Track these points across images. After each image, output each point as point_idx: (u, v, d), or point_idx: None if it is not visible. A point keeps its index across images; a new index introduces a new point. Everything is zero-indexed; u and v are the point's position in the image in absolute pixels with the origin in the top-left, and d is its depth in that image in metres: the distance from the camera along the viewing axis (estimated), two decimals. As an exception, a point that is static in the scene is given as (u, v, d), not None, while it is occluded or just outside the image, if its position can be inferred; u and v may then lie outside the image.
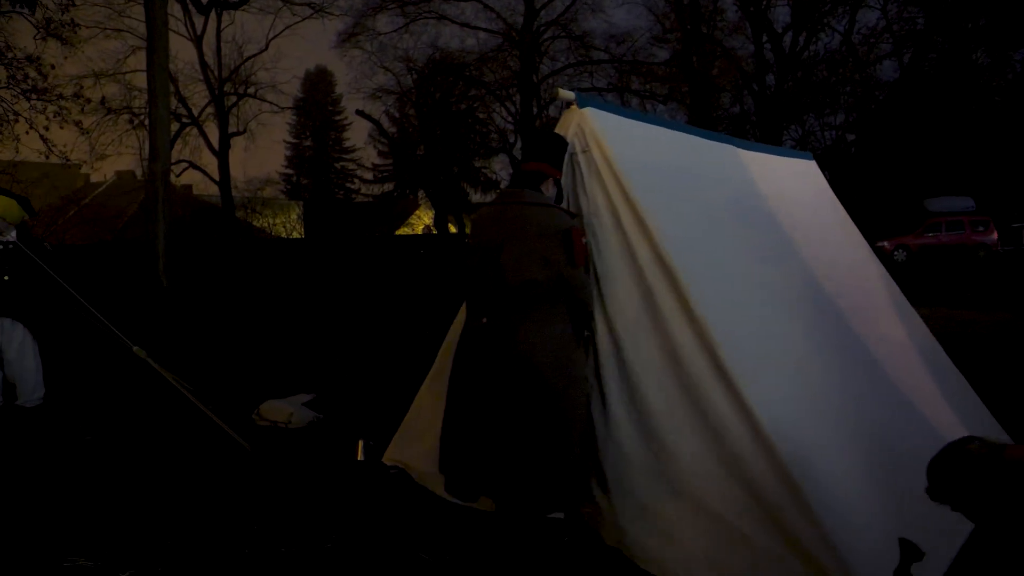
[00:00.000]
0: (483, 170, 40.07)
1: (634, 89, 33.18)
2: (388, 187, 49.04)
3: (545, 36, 32.23)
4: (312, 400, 6.15)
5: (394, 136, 39.68)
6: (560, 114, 4.01)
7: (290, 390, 6.41)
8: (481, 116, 37.00)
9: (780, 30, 32.37)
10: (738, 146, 4.66)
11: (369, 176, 50.59)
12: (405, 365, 7.41)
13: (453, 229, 36.04)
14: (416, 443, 4.37)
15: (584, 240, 3.38)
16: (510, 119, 34.86)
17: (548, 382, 3.25)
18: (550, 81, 31.83)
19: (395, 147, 41.20)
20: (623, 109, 4.10)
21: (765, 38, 32.38)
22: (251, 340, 9.49)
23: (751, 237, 4.02)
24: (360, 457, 4.67)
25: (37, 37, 16.93)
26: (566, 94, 3.67)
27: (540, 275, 3.27)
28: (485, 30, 33.14)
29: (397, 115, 40.56)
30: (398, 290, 15.94)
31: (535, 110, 32.02)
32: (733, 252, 3.77)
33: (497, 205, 3.59)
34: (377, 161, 49.62)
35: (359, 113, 36.14)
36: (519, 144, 32.97)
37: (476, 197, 39.66)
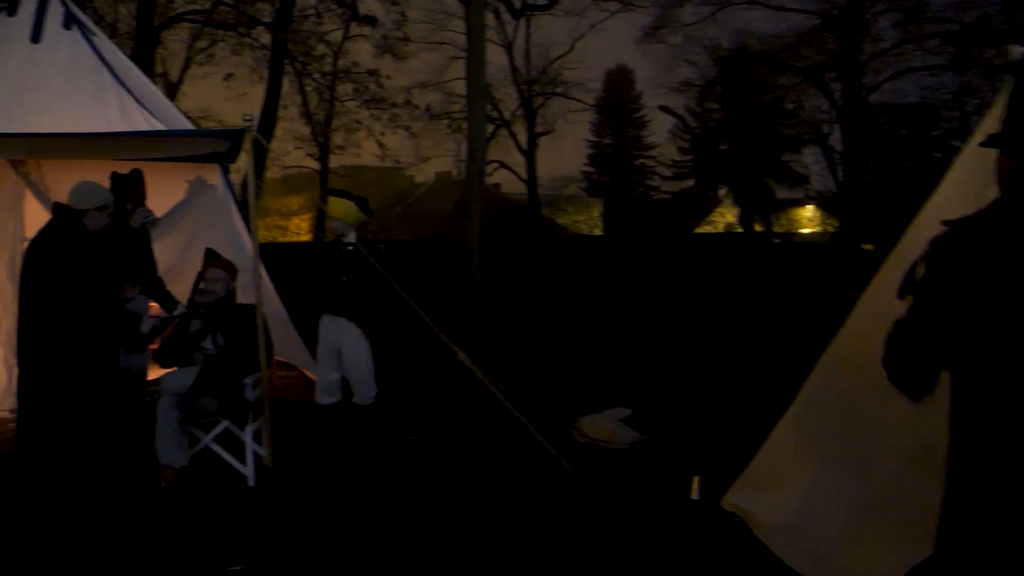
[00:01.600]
0: (790, 164, 37.25)
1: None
2: (687, 184, 47.75)
3: (872, 11, 28.76)
4: (630, 416, 5.65)
5: (696, 131, 38.43)
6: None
7: (605, 401, 5.98)
8: (789, 107, 34.33)
9: None
10: None
11: (668, 173, 49.72)
12: (730, 382, 6.76)
13: (759, 228, 33.92)
14: (766, 493, 3.62)
15: None
16: (825, 110, 31.82)
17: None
18: (875, 63, 28.39)
19: (696, 142, 39.91)
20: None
21: None
22: (560, 341, 9.30)
23: None
24: (695, 496, 4.03)
25: (375, 56, 19.12)
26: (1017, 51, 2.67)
27: None
28: (800, 11, 30.44)
29: (699, 110, 39.25)
30: (703, 292, 15.04)
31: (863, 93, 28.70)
32: None
33: None
34: (676, 157, 48.55)
35: (662, 109, 35.42)
36: (834, 135, 29.90)
37: (783, 193, 37.01)
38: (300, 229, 33.35)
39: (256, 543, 3.64)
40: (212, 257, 4.75)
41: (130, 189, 4.79)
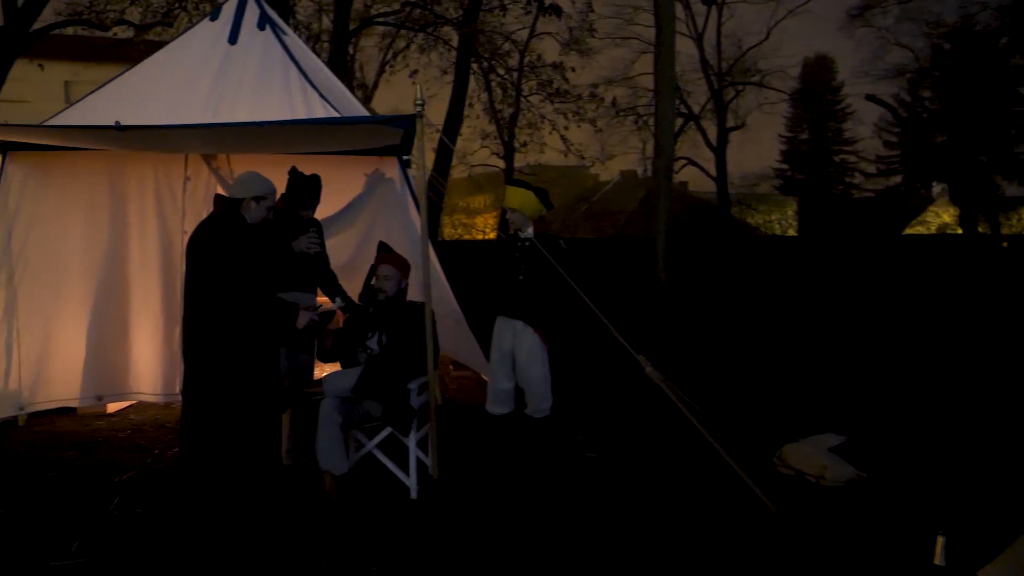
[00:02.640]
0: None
1: None
2: (894, 180, 43.66)
3: None
4: (842, 445, 4.81)
5: (907, 121, 34.93)
6: None
7: (810, 425, 5.18)
8: (1024, 92, 30.21)
9: None
10: None
11: (872, 169, 45.76)
12: (962, 408, 5.68)
13: (983, 229, 30.16)
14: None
15: None
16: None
17: None
18: None
19: (907, 135, 36.29)
20: None
21: None
22: (755, 352, 8.42)
23: None
24: (938, 561, 3.22)
25: (561, 53, 18.96)
26: None
27: None
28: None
29: (909, 99, 35.71)
30: (916, 300, 13.33)
31: None
32: None
33: None
34: (882, 152, 44.59)
35: (869, 98, 32.42)
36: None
37: (1011, 190, 32.69)
38: (486, 227, 33.99)
39: (413, 563, 3.33)
40: (385, 251, 4.49)
41: (302, 190, 4.60)
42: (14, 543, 3.56)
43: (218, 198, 3.93)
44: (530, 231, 4.63)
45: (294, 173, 4.64)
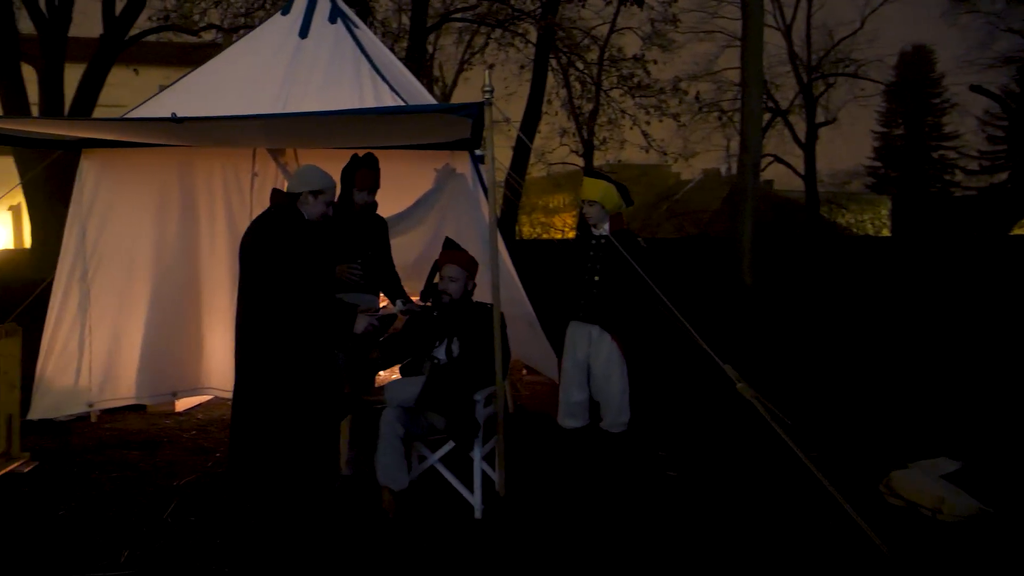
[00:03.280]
0: None
1: None
2: (999, 177, 41.07)
3: None
4: (958, 471, 4.26)
5: (1016, 114, 32.76)
6: None
7: (919, 447, 4.66)
8: None
9: None
10: None
11: (973, 166, 43.23)
12: None
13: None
14: None
15: None
16: None
17: None
18: None
19: (1015, 128, 34.06)
20: None
21: None
22: (852, 361, 7.78)
23: None
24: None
25: (642, 48, 18.46)
26: None
27: None
28: None
29: (1018, 89, 33.50)
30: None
31: None
32: None
33: None
34: (985, 147, 42.06)
35: (974, 89, 30.45)
36: None
37: None
38: (565, 226, 33.61)
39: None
40: (450, 248, 4.16)
41: (355, 173, 4.31)
42: (65, 548, 3.45)
43: (275, 192, 3.71)
44: (606, 228, 4.28)
45: (353, 158, 4.39)
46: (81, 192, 5.50)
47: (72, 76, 14.49)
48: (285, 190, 3.74)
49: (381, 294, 4.60)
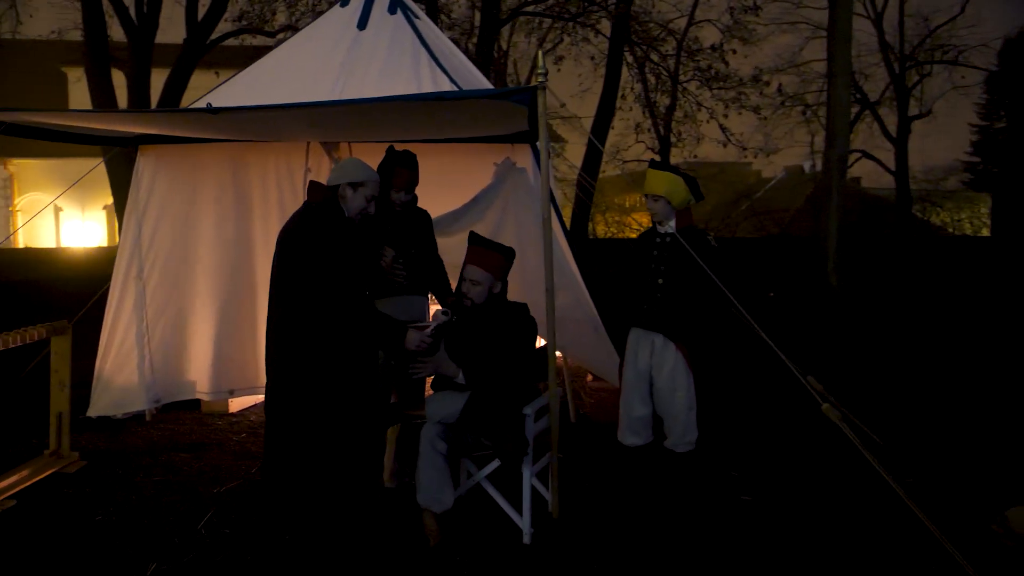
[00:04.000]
0: None
1: None
2: (1114, 173, 38.28)
3: None
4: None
5: None
6: None
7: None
8: None
9: None
10: None
11: (1085, 160, 40.44)
12: None
13: None
14: None
15: None
16: None
17: None
18: None
19: None
20: None
21: None
22: (951, 374, 7.09)
23: None
24: None
25: (722, 39, 17.75)
26: None
27: None
28: None
29: None
30: None
31: None
32: None
33: None
34: (1098, 141, 39.27)
35: (1085, 79, 28.43)
36: None
37: None
38: (641, 226, 32.97)
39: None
40: (476, 245, 3.61)
41: (391, 171, 3.95)
42: (93, 557, 3.31)
43: (312, 186, 3.45)
44: (672, 224, 3.88)
45: (389, 151, 4.08)
46: (138, 189, 5.45)
47: (157, 80, 14.93)
48: (322, 183, 3.50)
49: (430, 295, 4.31)
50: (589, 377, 6.69)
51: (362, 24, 5.52)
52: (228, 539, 3.47)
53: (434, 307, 4.19)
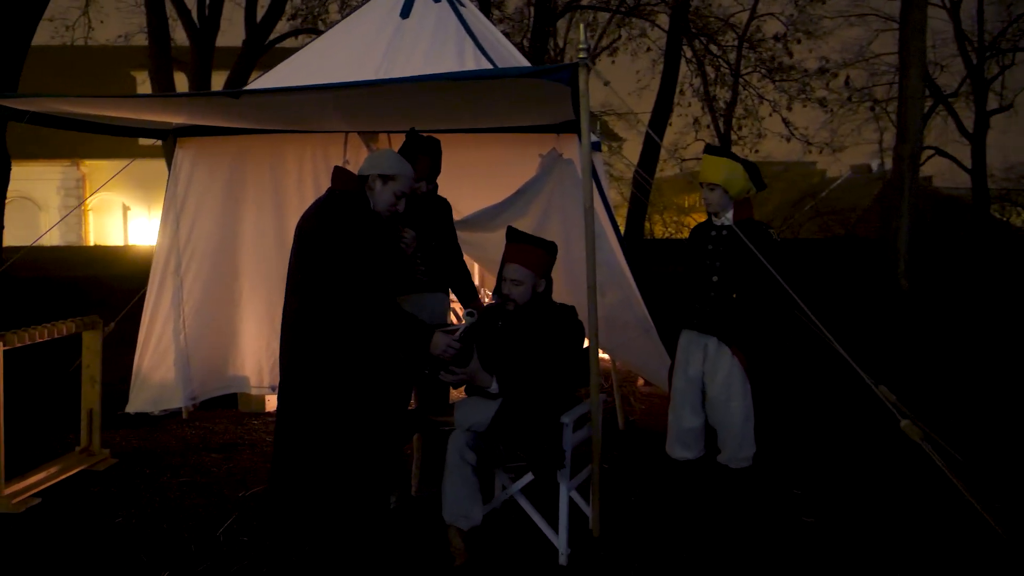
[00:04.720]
0: None
1: None
2: None
3: None
4: None
5: None
6: None
7: None
8: None
9: None
10: None
11: None
12: None
13: None
14: None
15: None
16: None
17: None
18: None
19: None
20: None
21: None
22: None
23: None
24: None
25: (785, 32, 17.06)
26: None
27: None
28: None
29: None
30: None
31: None
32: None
33: None
34: None
35: None
36: None
37: None
38: (701, 225, 32.27)
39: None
40: (514, 241, 3.35)
41: (414, 156, 3.64)
42: (105, 563, 3.15)
43: (337, 172, 3.22)
44: (729, 216, 3.53)
45: (410, 134, 3.77)
46: (176, 183, 5.37)
47: (218, 82, 15.19)
48: (350, 170, 3.27)
49: (451, 293, 4.02)
50: (640, 382, 6.35)
51: (405, 12, 5.36)
52: (245, 548, 3.28)
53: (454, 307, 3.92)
